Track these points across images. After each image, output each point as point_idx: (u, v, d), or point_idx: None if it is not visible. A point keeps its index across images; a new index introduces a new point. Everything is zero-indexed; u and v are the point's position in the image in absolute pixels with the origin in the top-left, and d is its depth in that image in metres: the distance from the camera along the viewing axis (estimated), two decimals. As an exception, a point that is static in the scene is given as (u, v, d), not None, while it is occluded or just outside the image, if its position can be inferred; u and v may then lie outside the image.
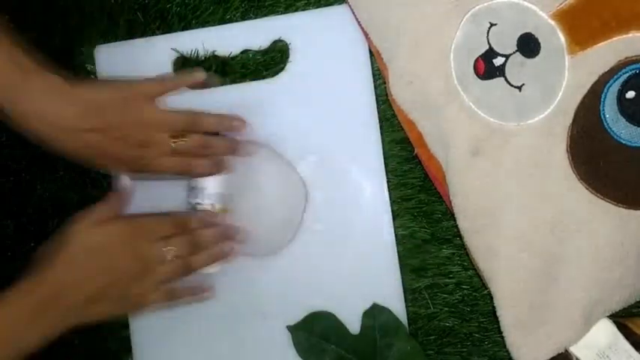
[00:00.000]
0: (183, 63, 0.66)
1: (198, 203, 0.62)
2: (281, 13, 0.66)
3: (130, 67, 0.64)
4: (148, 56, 0.65)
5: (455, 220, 0.62)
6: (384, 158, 0.64)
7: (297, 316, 0.64)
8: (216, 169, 0.62)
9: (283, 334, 0.64)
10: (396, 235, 0.64)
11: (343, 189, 0.65)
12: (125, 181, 0.61)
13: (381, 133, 0.65)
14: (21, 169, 0.67)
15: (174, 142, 0.59)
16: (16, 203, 0.66)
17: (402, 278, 0.64)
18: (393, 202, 0.64)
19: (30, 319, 0.55)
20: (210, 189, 0.62)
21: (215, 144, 0.62)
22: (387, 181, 0.64)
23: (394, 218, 0.64)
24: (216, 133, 0.63)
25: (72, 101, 0.57)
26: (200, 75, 0.62)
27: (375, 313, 0.63)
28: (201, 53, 0.65)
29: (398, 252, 0.64)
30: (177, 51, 0.65)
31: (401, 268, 0.64)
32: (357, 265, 0.64)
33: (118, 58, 0.66)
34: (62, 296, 0.56)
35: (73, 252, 0.57)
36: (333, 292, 0.64)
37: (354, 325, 0.63)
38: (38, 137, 0.57)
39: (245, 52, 0.66)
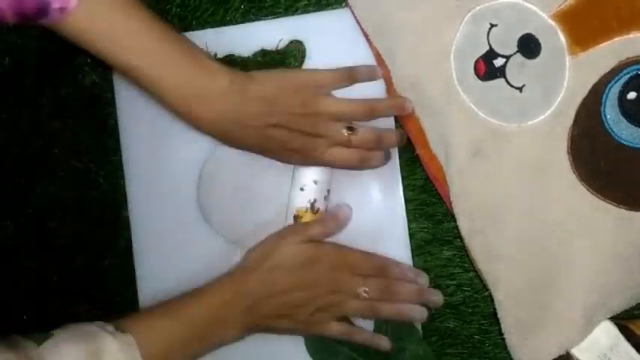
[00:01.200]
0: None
1: (316, 199, 0.62)
2: (282, 15, 0.66)
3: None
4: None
5: (455, 221, 0.62)
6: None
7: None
8: (383, 162, 0.62)
9: (296, 335, 0.64)
10: (396, 237, 0.64)
11: (357, 190, 0.65)
12: (345, 209, 0.63)
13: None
14: (20, 171, 0.67)
15: (350, 134, 0.59)
16: (16, 204, 0.66)
17: (403, 280, 0.64)
18: (393, 203, 0.64)
19: (226, 317, 0.58)
20: (319, 189, 0.62)
21: (388, 136, 0.61)
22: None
23: (395, 219, 0.64)
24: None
25: (256, 97, 0.57)
26: (378, 71, 0.62)
27: None
28: (220, 53, 0.65)
29: (398, 253, 0.64)
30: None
31: (402, 269, 0.64)
32: None
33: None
34: (254, 306, 0.59)
35: (274, 263, 0.59)
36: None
37: (366, 327, 0.63)
38: (225, 135, 0.58)
39: (261, 52, 0.65)
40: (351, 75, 0.61)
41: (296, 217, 0.63)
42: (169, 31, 0.56)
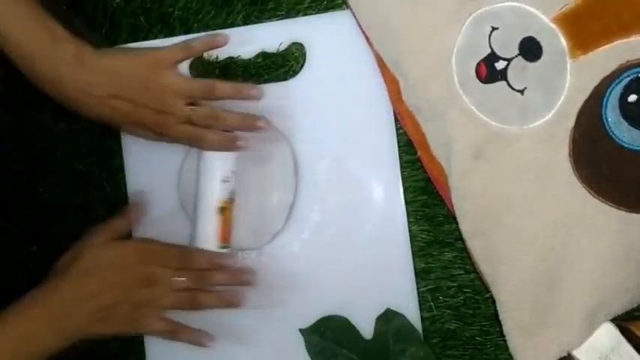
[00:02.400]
0: (202, 65, 0.66)
1: (234, 191, 0.63)
2: (283, 18, 0.66)
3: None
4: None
5: (457, 223, 0.62)
6: (386, 161, 0.65)
7: (310, 319, 0.64)
8: (226, 145, 0.62)
9: (296, 337, 0.64)
10: (398, 239, 0.64)
11: (358, 192, 0.65)
12: (140, 197, 0.63)
13: (383, 137, 0.65)
14: (22, 172, 0.67)
15: (190, 110, 0.61)
16: (18, 206, 0.67)
17: (406, 282, 0.64)
18: (395, 205, 0.65)
19: (40, 328, 0.57)
20: (218, 176, 0.62)
21: (226, 116, 0.62)
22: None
23: (396, 221, 0.64)
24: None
25: (99, 69, 0.59)
26: (222, 39, 0.64)
27: (388, 318, 0.63)
28: (220, 55, 0.65)
29: (400, 255, 0.64)
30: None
31: (403, 271, 0.64)
32: (371, 270, 0.64)
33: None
34: (67, 313, 0.58)
35: (85, 267, 0.59)
36: (346, 296, 0.64)
37: (367, 329, 0.63)
38: (65, 101, 0.60)
39: (262, 54, 0.66)
40: (188, 47, 0.63)
41: (222, 209, 0.63)
42: (28, 1, 0.58)
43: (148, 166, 0.66)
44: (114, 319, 0.59)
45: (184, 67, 0.65)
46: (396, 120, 0.65)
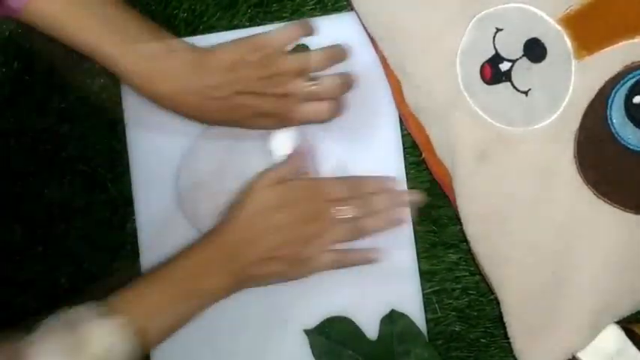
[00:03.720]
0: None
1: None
2: (287, 19, 0.66)
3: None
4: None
5: (461, 224, 0.62)
6: (391, 163, 0.64)
7: (314, 320, 0.64)
8: (339, 110, 0.62)
9: (300, 338, 0.64)
10: (402, 240, 0.64)
11: None
12: (305, 143, 0.63)
13: (388, 138, 0.65)
14: (28, 174, 0.67)
15: (315, 85, 0.60)
16: (24, 208, 0.67)
17: (410, 283, 0.64)
18: (399, 206, 0.64)
19: (209, 269, 0.58)
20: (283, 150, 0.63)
21: (343, 78, 0.62)
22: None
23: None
24: None
25: (219, 69, 0.58)
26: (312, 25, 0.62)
27: (393, 320, 0.63)
28: None
29: (404, 257, 0.64)
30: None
31: (407, 273, 0.64)
32: (376, 271, 0.64)
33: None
34: (236, 254, 0.59)
35: (249, 210, 0.59)
36: (351, 297, 0.64)
37: (371, 330, 0.63)
38: (188, 112, 0.59)
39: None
40: (302, 26, 0.62)
41: None
42: (129, 9, 0.57)
43: (153, 168, 0.66)
44: (282, 260, 0.59)
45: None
46: (401, 121, 0.65)
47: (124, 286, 0.57)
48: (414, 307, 0.64)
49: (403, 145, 0.65)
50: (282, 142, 0.63)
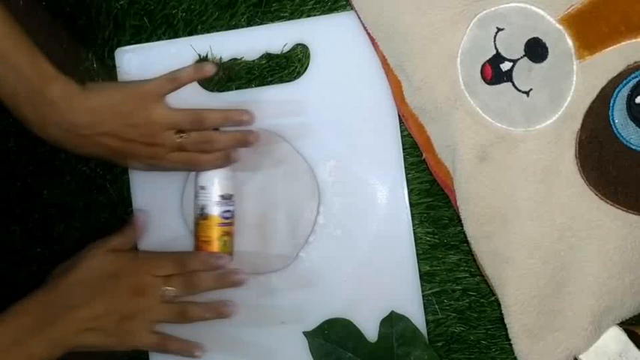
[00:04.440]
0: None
1: (205, 206, 0.63)
2: (287, 19, 0.66)
3: (151, 69, 0.64)
4: (169, 59, 0.65)
5: (462, 225, 0.61)
6: (391, 163, 0.64)
7: (314, 322, 0.64)
8: (222, 162, 0.63)
9: (300, 340, 0.64)
10: (402, 241, 0.64)
11: (362, 194, 0.65)
12: (141, 216, 0.64)
13: (388, 139, 0.65)
14: (27, 175, 0.67)
15: (180, 138, 0.61)
16: (23, 208, 0.67)
17: (410, 284, 0.64)
18: (399, 207, 0.64)
19: (28, 336, 0.56)
20: (215, 191, 0.63)
21: (216, 137, 0.62)
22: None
23: (401, 224, 0.64)
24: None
25: (86, 107, 0.59)
26: (210, 68, 0.63)
27: (392, 321, 0.63)
28: (225, 57, 0.65)
29: (405, 258, 0.64)
30: (200, 54, 0.66)
31: (408, 274, 0.64)
32: (376, 272, 0.64)
33: (140, 60, 0.66)
34: (55, 321, 0.58)
35: (75, 276, 0.59)
36: (350, 299, 0.64)
37: (371, 332, 0.63)
38: (55, 141, 0.59)
39: (266, 55, 0.66)
40: (174, 79, 0.62)
41: (195, 225, 0.63)
42: (16, 30, 0.57)
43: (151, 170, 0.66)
44: (102, 330, 0.59)
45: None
46: (401, 122, 0.64)
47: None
48: (414, 309, 0.63)
49: (403, 145, 0.65)
50: (214, 181, 0.63)
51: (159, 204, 0.66)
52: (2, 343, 0.56)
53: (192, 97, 0.65)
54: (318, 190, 0.65)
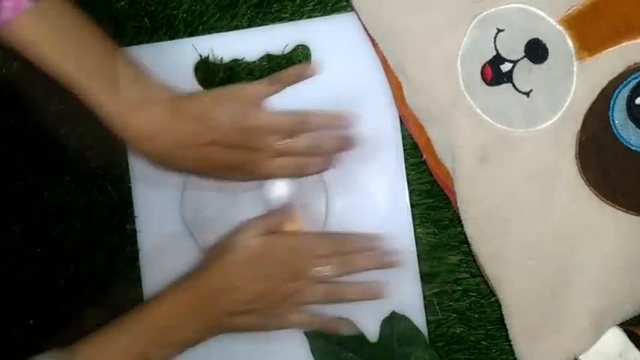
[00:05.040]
0: (206, 67, 0.66)
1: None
2: (288, 20, 0.66)
3: (152, 70, 0.63)
4: (170, 59, 0.65)
5: (462, 226, 0.61)
6: (392, 164, 0.64)
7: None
8: (325, 166, 0.62)
9: (301, 340, 0.64)
10: (403, 242, 0.64)
11: (363, 195, 0.65)
12: (299, 198, 0.63)
13: (388, 139, 0.65)
14: (27, 175, 0.67)
15: (287, 143, 0.59)
16: (23, 209, 0.67)
17: (410, 285, 0.64)
18: (400, 208, 0.64)
19: (183, 318, 0.57)
20: (277, 195, 0.63)
21: (324, 143, 0.61)
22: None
23: (401, 225, 0.64)
24: None
25: (195, 117, 0.57)
26: (309, 69, 0.61)
27: (393, 322, 0.63)
28: (225, 58, 0.65)
29: (405, 258, 0.64)
30: (201, 55, 0.66)
31: (409, 274, 0.64)
32: (377, 272, 0.63)
33: (142, 60, 0.65)
34: (211, 304, 0.58)
35: (230, 259, 0.59)
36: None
37: (372, 333, 0.63)
38: (159, 157, 0.57)
39: (267, 56, 0.66)
40: (279, 79, 0.61)
41: None
42: (114, 48, 0.56)
43: (153, 170, 0.66)
44: (256, 313, 0.59)
45: (189, 70, 0.65)
46: (402, 122, 0.64)
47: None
48: (414, 309, 0.63)
49: (404, 146, 0.65)
50: (278, 191, 0.63)
51: (159, 204, 0.66)
52: (158, 325, 0.57)
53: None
54: (326, 195, 0.64)
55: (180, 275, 0.59)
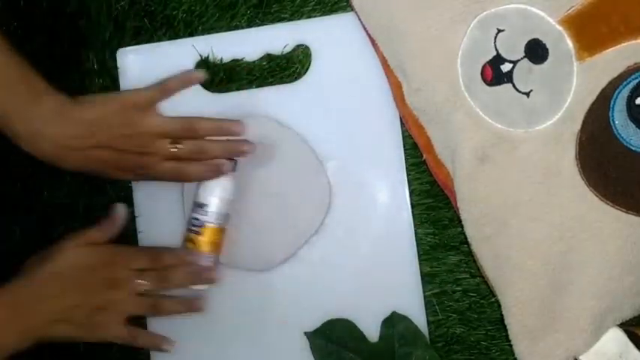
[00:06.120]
0: (206, 67, 0.66)
1: (196, 219, 0.63)
2: (287, 20, 0.66)
3: (152, 70, 0.65)
4: (170, 59, 0.65)
5: (462, 226, 0.61)
6: (392, 164, 0.64)
7: (315, 322, 0.64)
8: (213, 173, 0.62)
9: (301, 340, 0.64)
10: (403, 242, 0.64)
11: (364, 195, 0.65)
12: (120, 209, 0.63)
13: (388, 139, 0.65)
14: (28, 176, 0.67)
15: (175, 148, 0.61)
16: (23, 209, 0.67)
17: (411, 285, 0.64)
18: (400, 208, 0.64)
19: (1, 323, 0.57)
20: (212, 207, 0.62)
21: (209, 148, 0.62)
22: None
23: (401, 225, 0.64)
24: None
25: (77, 121, 0.59)
26: (198, 75, 0.64)
27: (394, 322, 0.63)
28: (225, 58, 0.65)
29: (405, 259, 0.64)
30: (201, 55, 0.66)
31: (408, 275, 0.64)
32: (377, 273, 0.64)
33: (142, 60, 0.66)
34: (27, 313, 0.58)
35: (50, 268, 0.59)
36: (352, 299, 0.64)
37: (372, 333, 0.63)
38: (46, 156, 0.59)
39: (267, 56, 0.66)
40: (165, 88, 0.62)
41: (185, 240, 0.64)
42: (4, 46, 0.57)
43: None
44: (74, 322, 0.59)
45: (190, 68, 0.65)
46: (402, 122, 0.64)
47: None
48: (415, 309, 0.63)
49: (404, 146, 0.65)
50: (210, 191, 0.62)
51: (160, 204, 0.66)
52: None
53: (193, 97, 0.65)
54: (329, 193, 0.64)
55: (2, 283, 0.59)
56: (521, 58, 0.59)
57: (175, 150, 0.61)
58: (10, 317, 0.57)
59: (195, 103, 0.64)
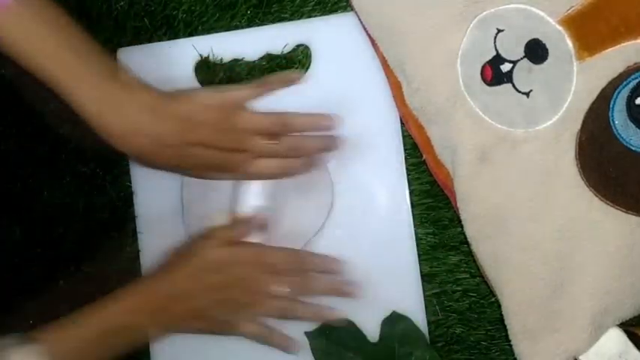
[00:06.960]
0: (206, 67, 0.66)
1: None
2: (287, 20, 0.66)
3: (152, 70, 0.64)
4: (170, 59, 0.66)
5: (462, 226, 0.61)
6: (392, 164, 0.64)
7: (315, 322, 0.64)
8: (309, 167, 0.62)
9: (301, 340, 0.64)
10: (403, 242, 0.64)
11: (363, 195, 0.65)
12: (263, 216, 0.63)
13: (388, 139, 0.65)
14: (28, 176, 0.67)
15: (271, 144, 0.60)
16: (23, 209, 0.67)
17: (411, 285, 0.64)
18: (400, 208, 0.64)
19: (139, 317, 0.58)
20: (252, 201, 0.63)
21: (307, 144, 0.62)
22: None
23: (401, 225, 0.64)
24: None
25: (174, 116, 0.58)
26: (295, 76, 0.63)
27: (394, 322, 0.63)
28: (225, 58, 0.65)
29: (405, 258, 0.64)
30: (201, 55, 0.66)
31: (408, 275, 0.64)
32: (377, 272, 0.64)
33: (142, 60, 0.66)
34: (166, 307, 0.59)
35: (191, 266, 0.60)
36: (352, 299, 0.63)
37: (372, 332, 0.63)
38: (143, 152, 0.58)
39: (267, 56, 0.66)
40: (263, 86, 0.62)
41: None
42: (95, 48, 0.56)
43: (153, 170, 0.66)
44: (209, 319, 0.60)
45: (189, 69, 0.65)
46: (402, 122, 0.64)
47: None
48: (415, 309, 0.63)
49: (404, 146, 0.65)
50: (251, 195, 0.63)
51: (159, 204, 0.66)
52: (115, 322, 0.57)
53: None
54: (332, 193, 0.64)
55: (147, 274, 0.61)
56: (521, 58, 0.59)
57: (273, 147, 0.60)
58: (149, 310, 0.59)
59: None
